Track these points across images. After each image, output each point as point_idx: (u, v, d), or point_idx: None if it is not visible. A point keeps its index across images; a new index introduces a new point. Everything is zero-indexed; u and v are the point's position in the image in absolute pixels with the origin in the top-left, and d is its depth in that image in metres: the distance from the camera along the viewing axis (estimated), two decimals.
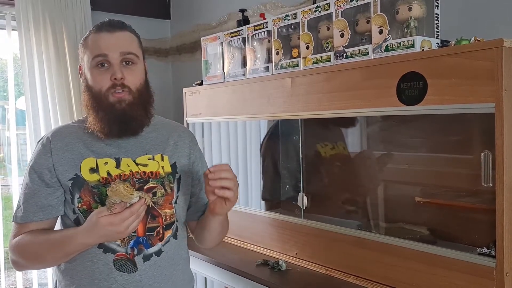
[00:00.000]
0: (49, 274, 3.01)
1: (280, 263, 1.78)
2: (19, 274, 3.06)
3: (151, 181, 1.27)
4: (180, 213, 1.34)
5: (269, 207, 2.07)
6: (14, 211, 1.27)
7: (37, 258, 1.24)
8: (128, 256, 1.22)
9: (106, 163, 1.24)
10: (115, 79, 1.20)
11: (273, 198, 2.08)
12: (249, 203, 2.15)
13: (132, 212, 1.11)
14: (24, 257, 1.25)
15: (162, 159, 1.30)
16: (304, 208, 1.82)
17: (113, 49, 1.21)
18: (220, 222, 1.32)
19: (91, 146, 1.26)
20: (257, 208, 2.08)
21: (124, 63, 1.22)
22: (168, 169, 1.30)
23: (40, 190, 1.24)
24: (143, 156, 1.28)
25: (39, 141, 1.32)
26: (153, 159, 1.29)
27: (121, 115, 1.21)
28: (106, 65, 1.21)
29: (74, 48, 2.84)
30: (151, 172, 1.27)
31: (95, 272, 1.22)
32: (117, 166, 1.25)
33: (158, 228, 1.26)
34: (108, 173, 1.24)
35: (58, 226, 1.31)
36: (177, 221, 1.32)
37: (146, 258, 1.24)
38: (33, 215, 1.24)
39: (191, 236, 1.45)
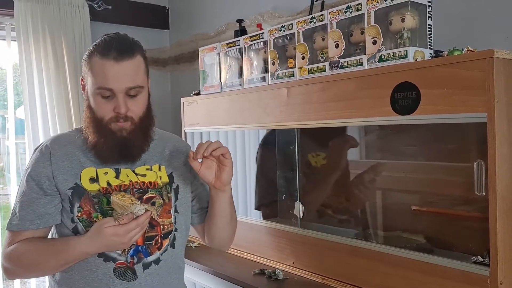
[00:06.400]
0: (47, 284, 3.00)
1: (277, 272, 1.78)
2: (17, 284, 3.06)
3: (150, 191, 1.28)
4: (182, 221, 1.35)
5: (266, 216, 2.08)
6: (9, 219, 1.26)
7: (34, 265, 1.23)
8: (128, 264, 1.24)
9: (106, 173, 1.26)
10: (118, 112, 1.19)
11: (270, 207, 2.09)
12: (248, 212, 2.16)
13: (138, 224, 1.14)
14: (19, 265, 1.24)
15: (159, 169, 1.32)
16: (301, 217, 1.83)
17: (119, 83, 1.17)
18: (230, 199, 1.33)
19: (91, 155, 1.26)
20: (256, 217, 2.08)
21: (129, 94, 1.20)
22: (165, 179, 1.32)
23: (38, 198, 1.23)
24: (141, 166, 1.30)
25: (36, 148, 1.31)
26: (151, 169, 1.31)
27: (121, 143, 1.22)
28: (110, 96, 1.19)
29: (73, 59, 2.87)
30: (150, 182, 1.29)
31: (95, 281, 1.22)
32: (117, 176, 1.26)
33: (157, 237, 1.28)
34: (108, 183, 1.25)
35: (50, 235, 1.31)
36: (175, 231, 1.32)
37: (146, 266, 1.25)
38: (30, 223, 1.23)
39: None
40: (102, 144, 1.22)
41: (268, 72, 1.90)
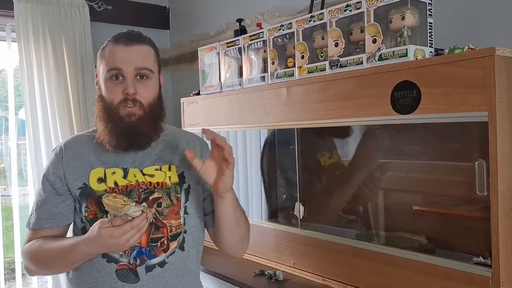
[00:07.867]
0: (49, 285, 3.00)
1: (277, 273, 1.77)
2: (19, 285, 3.06)
3: (157, 191, 1.27)
4: (192, 223, 1.32)
5: (267, 217, 2.07)
6: (28, 217, 1.32)
7: (46, 264, 1.28)
8: (131, 266, 1.23)
9: (114, 173, 1.26)
10: (127, 94, 1.21)
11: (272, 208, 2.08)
12: (249, 213, 2.14)
13: (132, 226, 1.11)
14: (34, 263, 1.28)
15: (169, 169, 1.31)
16: (301, 217, 1.82)
17: (128, 63, 1.22)
18: (231, 206, 1.25)
19: (101, 156, 1.28)
20: (257, 218, 2.07)
21: (138, 77, 1.24)
22: (175, 179, 1.30)
23: (51, 198, 1.28)
24: (150, 166, 1.29)
25: (53, 150, 1.35)
26: (161, 169, 1.30)
27: (129, 129, 1.23)
28: (120, 78, 1.23)
29: (74, 59, 2.86)
30: (157, 183, 1.28)
31: (99, 281, 1.23)
32: (125, 177, 1.27)
33: (163, 239, 1.26)
34: (115, 183, 1.25)
35: (69, 233, 1.35)
36: (185, 232, 1.30)
37: (149, 269, 1.23)
38: (44, 222, 1.28)
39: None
40: (110, 130, 1.23)
41: (267, 72, 1.89)
